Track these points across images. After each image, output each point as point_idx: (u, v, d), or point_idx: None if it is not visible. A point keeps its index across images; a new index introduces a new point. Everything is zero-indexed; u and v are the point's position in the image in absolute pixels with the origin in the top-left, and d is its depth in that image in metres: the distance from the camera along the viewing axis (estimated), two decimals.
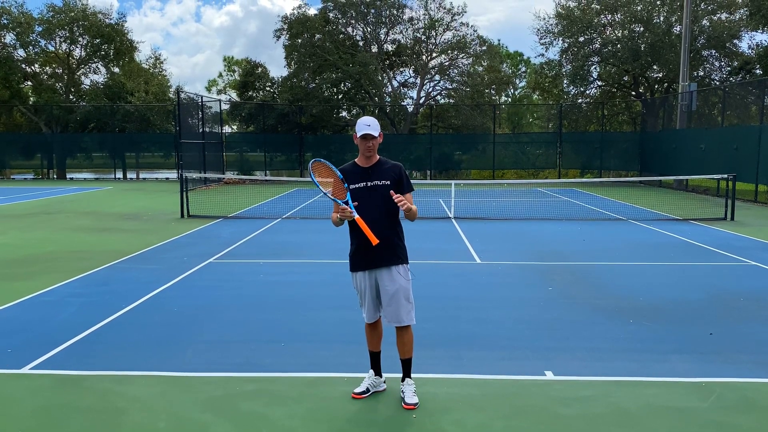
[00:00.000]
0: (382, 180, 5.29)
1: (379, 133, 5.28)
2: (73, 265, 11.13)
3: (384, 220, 5.27)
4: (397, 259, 5.34)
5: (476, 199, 22.98)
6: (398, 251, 5.37)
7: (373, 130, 5.22)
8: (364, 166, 5.36)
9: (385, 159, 5.46)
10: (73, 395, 5.57)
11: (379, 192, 5.26)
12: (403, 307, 5.33)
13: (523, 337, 7.13)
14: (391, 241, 5.31)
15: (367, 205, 5.24)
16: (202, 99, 31.71)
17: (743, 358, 6.47)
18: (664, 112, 32.48)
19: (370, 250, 5.23)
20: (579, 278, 10.16)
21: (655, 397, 5.49)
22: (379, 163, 5.40)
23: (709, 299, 8.83)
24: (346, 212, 5.18)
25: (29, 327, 7.50)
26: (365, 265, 5.37)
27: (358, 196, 5.27)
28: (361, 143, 5.27)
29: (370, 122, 5.25)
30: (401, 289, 5.30)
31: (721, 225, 16.31)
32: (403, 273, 5.35)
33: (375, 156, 5.38)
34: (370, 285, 5.39)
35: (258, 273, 10.60)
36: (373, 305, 5.44)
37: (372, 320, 5.50)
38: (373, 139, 5.26)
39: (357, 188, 5.29)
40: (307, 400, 5.45)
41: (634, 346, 6.84)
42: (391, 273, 5.31)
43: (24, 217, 18.18)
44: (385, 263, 5.31)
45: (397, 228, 5.41)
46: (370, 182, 5.29)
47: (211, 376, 5.96)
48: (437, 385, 5.75)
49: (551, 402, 5.40)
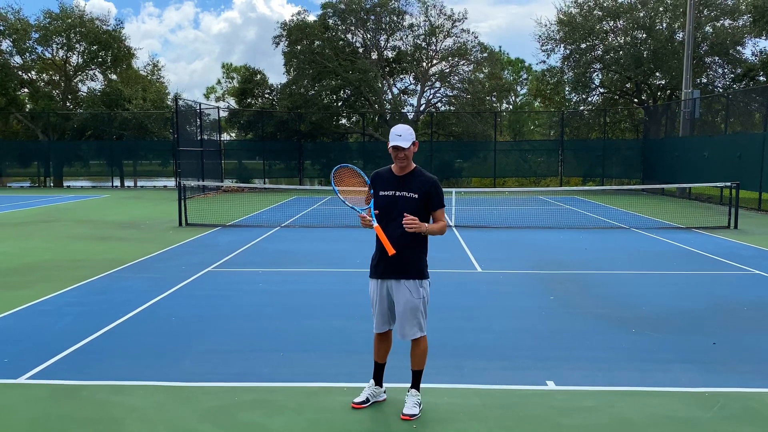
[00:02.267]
0: (411, 192, 5.17)
1: (412, 142, 5.18)
2: (70, 273, 11.08)
3: (404, 232, 5.11)
4: (407, 274, 5.21)
5: (477, 207, 22.95)
6: (412, 265, 5.22)
7: (404, 141, 5.11)
8: (396, 174, 5.27)
9: (421, 170, 5.33)
10: (69, 405, 5.51)
11: (404, 204, 5.15)
12: (407, 322, 5.22)
13: (525, 347, 7.07)
14: (405, 254, 5.16)
15: (391, 214, 5.16)
16: (200, 106, 31.64)
17: (747, 367, 6.42)
18: (667, 120, 32.44)
19: (385, 259, 5.17)
20: (581, 287, 10.10)
21: (658, 407, 5.44)
22: (413, 173, 5.27)
23: (712, 308, 8.77)
24: (366, 219, 5.14)
25: (26, 336, 7.44)
26: (378, 274, 5.29)
27: (385, 204, 5.19)
28: (393, 153, 5.19)
29: (401, 132, 5.15)
30: (408, 303, 5.19)
31: (725, 233, 16.26)
32: (412, 288, 5.20)
33: (410, 165, 5.28)
34: (380, 295, 5.31)
35: (257, 282, 10.55)
36: (382, 316, 5.36)
37: (380, 330, 5.42)
38: (405, 150, 5.15)
39: (385, 195, 5.21)
40: (306, 410, 5.40)
41: (636, 355, 6.78)
42: (401, 286, 5.21)
43: (21, 225, 18.14)
44: (395, 275, 5.22)
45: (417, 242, 5.23)
46: (399, 192, 5.19)
47: (210, 386, 5.90)
48: (438, 395, 5.69)
49: (553, 412, 5.35)
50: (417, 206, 5.14)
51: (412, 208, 5.10)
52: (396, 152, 5.15)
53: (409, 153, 5.18)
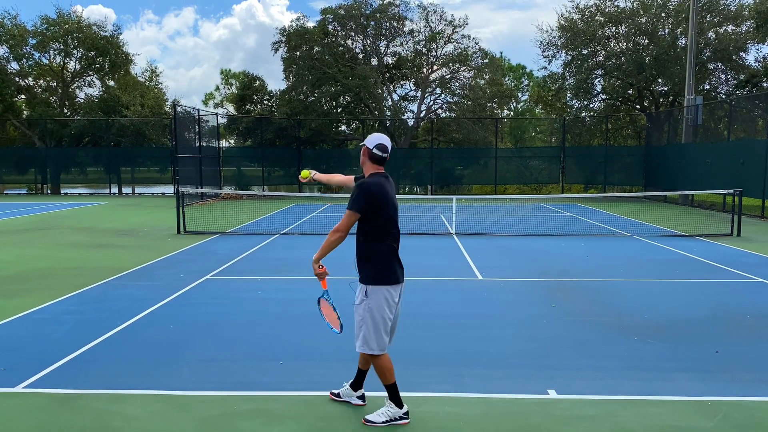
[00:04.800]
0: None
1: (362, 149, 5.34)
2: (68, 281, 11.04)
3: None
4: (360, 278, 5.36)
5: (478, 215, 22.91)
6: (360, 270, 5.36)
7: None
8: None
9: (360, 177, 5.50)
10: (67, 414, 5.47)
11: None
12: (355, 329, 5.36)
13: (526, 355, 7.03)
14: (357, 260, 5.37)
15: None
16: (198, 113, 31.57)
17: (750, 376, 6.38)
18: (670, 126, 32.41)
19: (398, 261, 5.41)
20: (582, 295, 10.06)
21: (661, 416, 5.40)
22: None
23: (715, 317, 8.73)
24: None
25: (23, 345, 7.40)
26: (400, 277, 5.42)
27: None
28: (380, 161, 5.40)
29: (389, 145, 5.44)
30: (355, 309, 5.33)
31: (728, 241, 16.21)
32: (358, 292, 5.34)
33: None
34: (398, 301, 5.47)
35: (255, 290, 10.51)
36: (393, 326, 5.56)
37: (388, 346, 5.50)
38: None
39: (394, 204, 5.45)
40: (305, 419, 5.36)
41: (638, 364, 6.74)
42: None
43: (18, 232, 18.09)
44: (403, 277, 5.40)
45: (359, 248, 5.38)
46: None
47: (208, 395, 5.87)
48: (438, 404, 5.66)
49: (554, 421, 5.31)
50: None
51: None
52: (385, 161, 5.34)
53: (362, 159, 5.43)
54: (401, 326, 7.97)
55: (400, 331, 7.80)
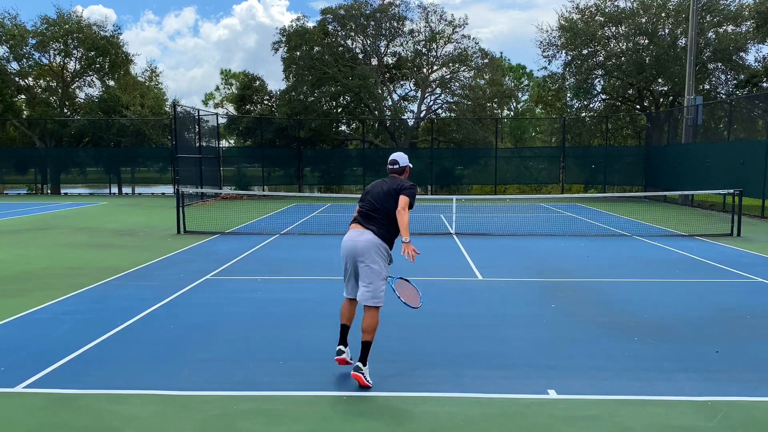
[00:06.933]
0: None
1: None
2: (68, 281, 11.03)
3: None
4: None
5: (478, 215, 22.89)
6: (386, 240, 6.79)
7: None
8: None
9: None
10: (67, 414, 5.47)
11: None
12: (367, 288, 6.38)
13: (526, 355, 7.02)
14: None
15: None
16: (198, 113, 31.54)
17: (750, 376, 6.37)
18: (670, 126, 32.40)
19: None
20: (582, 295, 10.06)
21: (661, 416, 5.40)
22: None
23: (715, 317, 8.73)
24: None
25: (22, 345, 7.39)
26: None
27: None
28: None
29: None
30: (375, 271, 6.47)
31: (728, 241, 16.21)
32: (378, 257, 6.57)
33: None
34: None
35: (256, 290, 10.50)
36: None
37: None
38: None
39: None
40: (306, 419, 5.35)
41: (638, 364, 6.73)
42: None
43: (17, 232, 18.08)
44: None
45: (392, 223, 6.79)
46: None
47: (208, 395, 5.86)
48: (438, 404, 5.65)
49: (554, 421, 5.30)
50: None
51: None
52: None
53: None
54: (401, 326, 8.01)
55: (400, 331, 7.85)
